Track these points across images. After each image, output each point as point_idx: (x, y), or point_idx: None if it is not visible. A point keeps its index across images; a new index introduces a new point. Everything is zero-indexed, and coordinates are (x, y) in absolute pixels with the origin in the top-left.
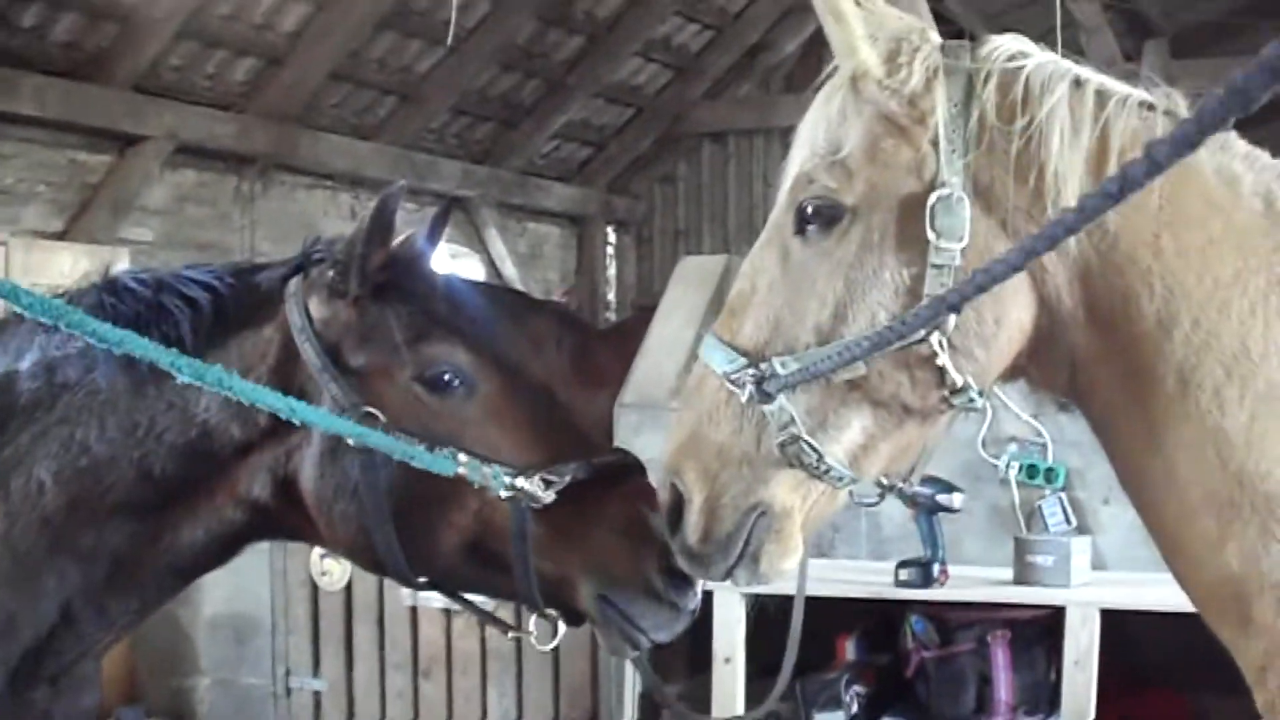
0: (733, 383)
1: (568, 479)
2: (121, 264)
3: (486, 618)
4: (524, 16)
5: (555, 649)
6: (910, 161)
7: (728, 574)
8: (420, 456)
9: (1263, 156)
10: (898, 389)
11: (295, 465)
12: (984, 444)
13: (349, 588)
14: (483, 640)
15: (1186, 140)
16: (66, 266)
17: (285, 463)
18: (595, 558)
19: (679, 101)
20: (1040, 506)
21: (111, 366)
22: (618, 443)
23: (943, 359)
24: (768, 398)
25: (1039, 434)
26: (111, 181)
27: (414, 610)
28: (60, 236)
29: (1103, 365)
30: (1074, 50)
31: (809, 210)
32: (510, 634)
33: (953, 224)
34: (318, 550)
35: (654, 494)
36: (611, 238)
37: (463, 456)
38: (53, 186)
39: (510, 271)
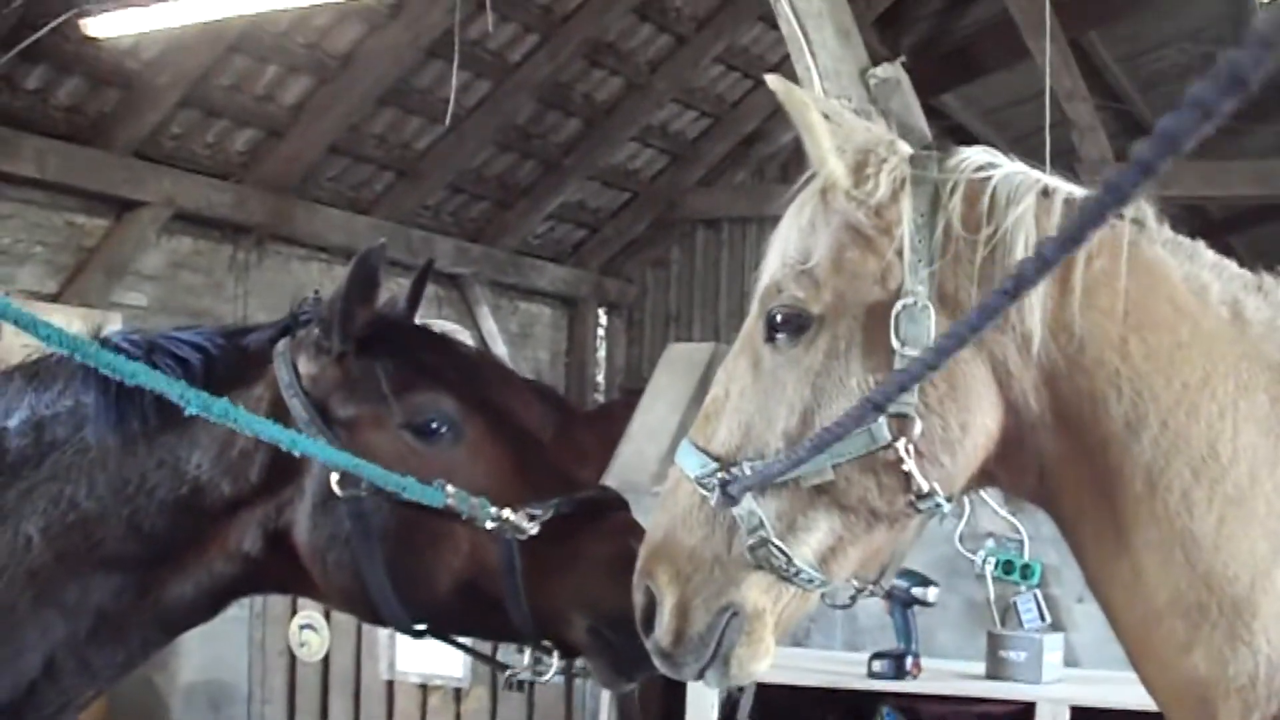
0: (702, 486)
1: (551, 512)
2: (113, 327)
3: (485, 660)
4: (523, 98)
5: (530, 711)
6: (876, 271)
7: (700, 674)
8: (411, 488)
9: (1230, 266)
10: (864, 494)
11: (287, 519)
12: (961, 539)
13: (326, 659)
14: (458, 716)
15: (1070, 237)
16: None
17: (277, 517)
18: (585, 591)
19: (674, 187)
20: (1015, 602)
21: (101, 425)
22: None
23: (909, 465)
24: (732, 500)
25: (1016, 530)
26: (107, 245)
27: (390, 684)
28: (54, 298)
29: (1071, 467)
30: (1066, 149)
31: (777, 319)
32: (507, 674)
33: (917, 332)
34: (297, 620)
35: (635, 528)
36: (603, 320)
37: (450, 488)
38: (49, 248)
39: (501, 349)
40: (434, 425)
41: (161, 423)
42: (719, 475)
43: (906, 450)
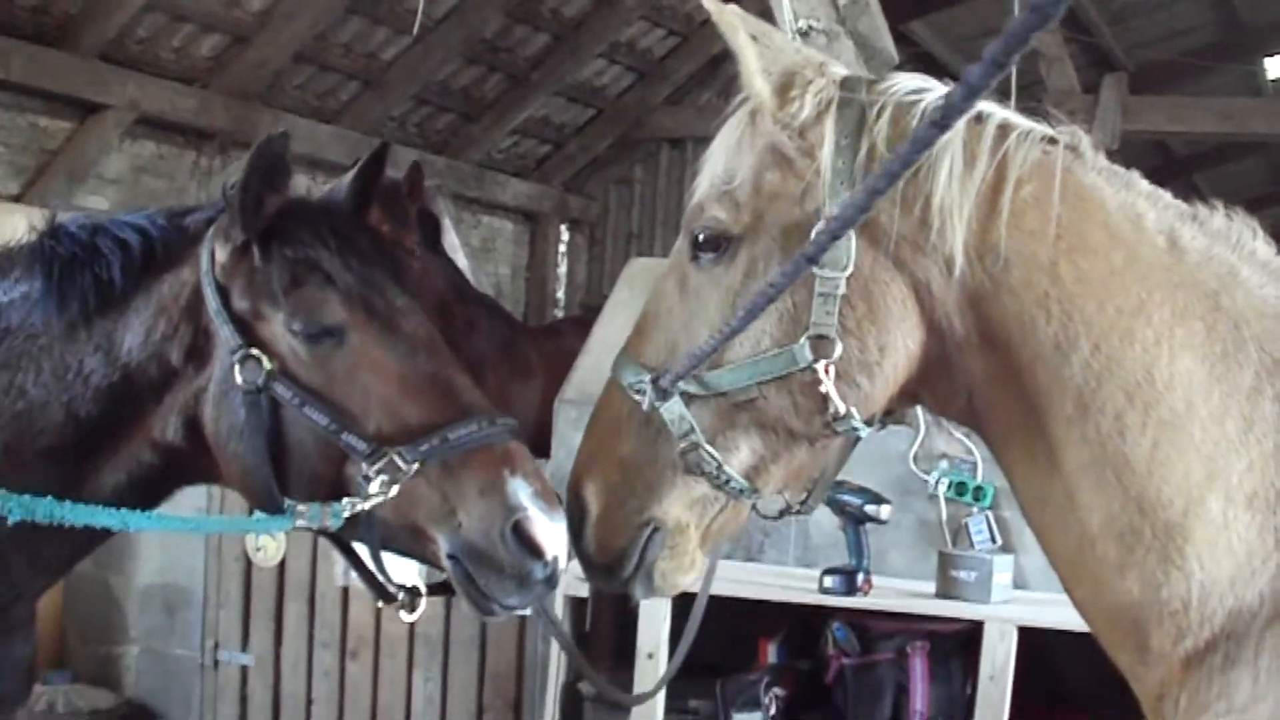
0: (636, 392)
1: (414, 467)
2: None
3: (373, 585)
4: (491, 11)
5: (482, 636)
6: (795, 192)
7: (624, 586)
8: (256, 525)
9: (1165, 196)
10: (782, 413)
11: (201, 407)
12: (915, 459)
13: (282, 565)
14: (411, 625)
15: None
16: (21, 228)
17: (195, 405)
18: (448, 519)
19: (640, 105)
20: (967, 523)
21: (48, 307)
22: (557, 438)
23: (826, 386)
24: (663, 394)
25: (970, 452)
26: (70, 148)
27: (345, 591)
28: (16, 199)
29: (999, 388)
30: (1034, 80)
31: (700, 238)
32: (379, 604)
33: (835, 254)
34: None
35: (514, 459)
36: (565, 236)
37: (301, 507)
38: (11, 149)
39: (462, 263)
40: (317, 327)
41: (99, 305)
42: (649, 379)
43: (825, 371)
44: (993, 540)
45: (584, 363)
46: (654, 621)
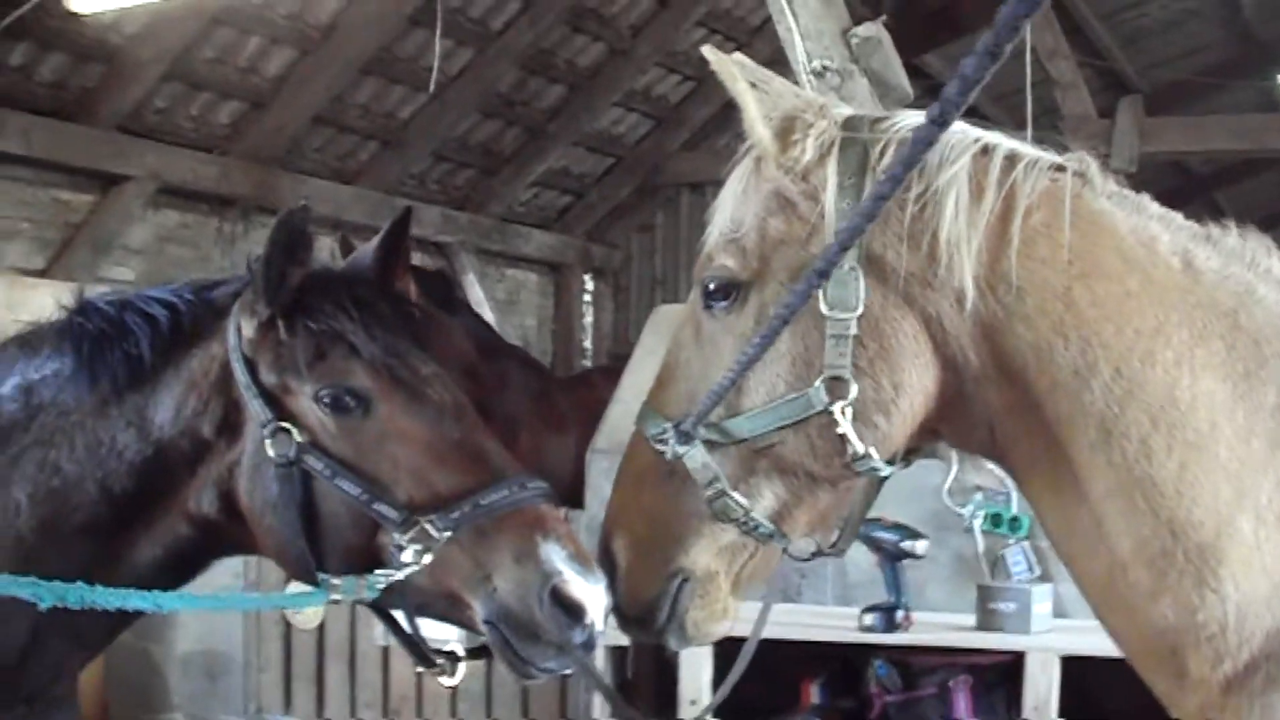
0: (659, 442)
1: (446, 535)
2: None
3: (413, 651)
4: (506, 65)
5: (524, 691)
6: (801, 236)
7: (658, 637)
8: (291, 600)
9: (1177, 218)
10: (801, 457)
11: (235, 480)
12: (949, 493)
13: (322, 627)
14: None
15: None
16: (48, 304)
17: (228, 478)
18: (483, 585)
19: (658, 151)
20: (1004, 555)
21: (80, 384)
22: (590, 489)
23: (843, 427)
24: (686, 438)
25: (1003, 483)
26: (94, 220)
27: (386, 650)
28: (42, 274)
29: (1019, 418)
30: (1049, 107)
31: (710, 287)
32: (418, 669)
33: (844, 295)
34: (290, 589)
35: (547, 521)
36: (589, 285)
37: (336, 580)
38: (35, 224)
39: (489, 317)
40: (342, 398)
41: (130, 381)
42: (672, 428)
43: (841, 413)
44: (1031, 570)
45: (614, 411)
46: (696, 668)
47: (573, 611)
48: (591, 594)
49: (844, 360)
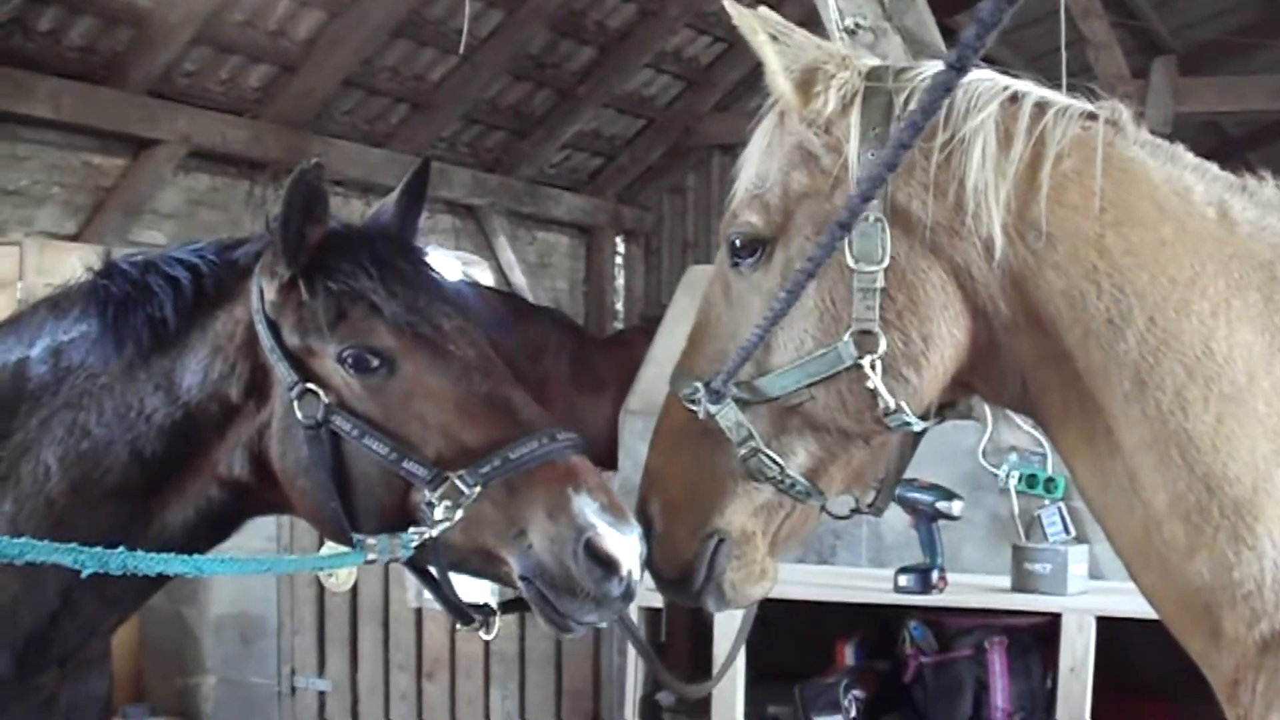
0: (691, 402)
1: (476, 491)
2: None
3: (450, 608)
4: (536, 27)
5: (558, 652)
6: (824, 188)
7: (696, 599)
8: (327, 562)
9: (1212, 168)
10: (832, 413)
11: (266, 443)
12: (984, 453)
13: (355, 589)
14: (486, 643)
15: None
16: (79, 267)
17: (258, 440)
18: (517, 540)
19: (689, 113)
20: (1039, 515)
21: (106, 347)
22: (624, 450)
23: (874, 381)
24: (717, 396)
25: (1039, 444)
26: (124, 184)
27: (419, 612)
28: (73, 238)
29: (1051, 369)
30: (1082, 67)
31: (736, 244)
32: (458, 625)
33: (869, 247)
34: (324, 551)
35: (579, 474)
36: (620, 247)
37: (371, 540)
38: (67, 189)
39: (519, 279)
40: (366, 358)
41: (155, 344)
42: (703, 387)
43: (871, 367)
44: (1066, 531)
45: (648, 373)
46: (730, 630)
47: (608, 565)
48: (626, 546)
49: (871, 313)
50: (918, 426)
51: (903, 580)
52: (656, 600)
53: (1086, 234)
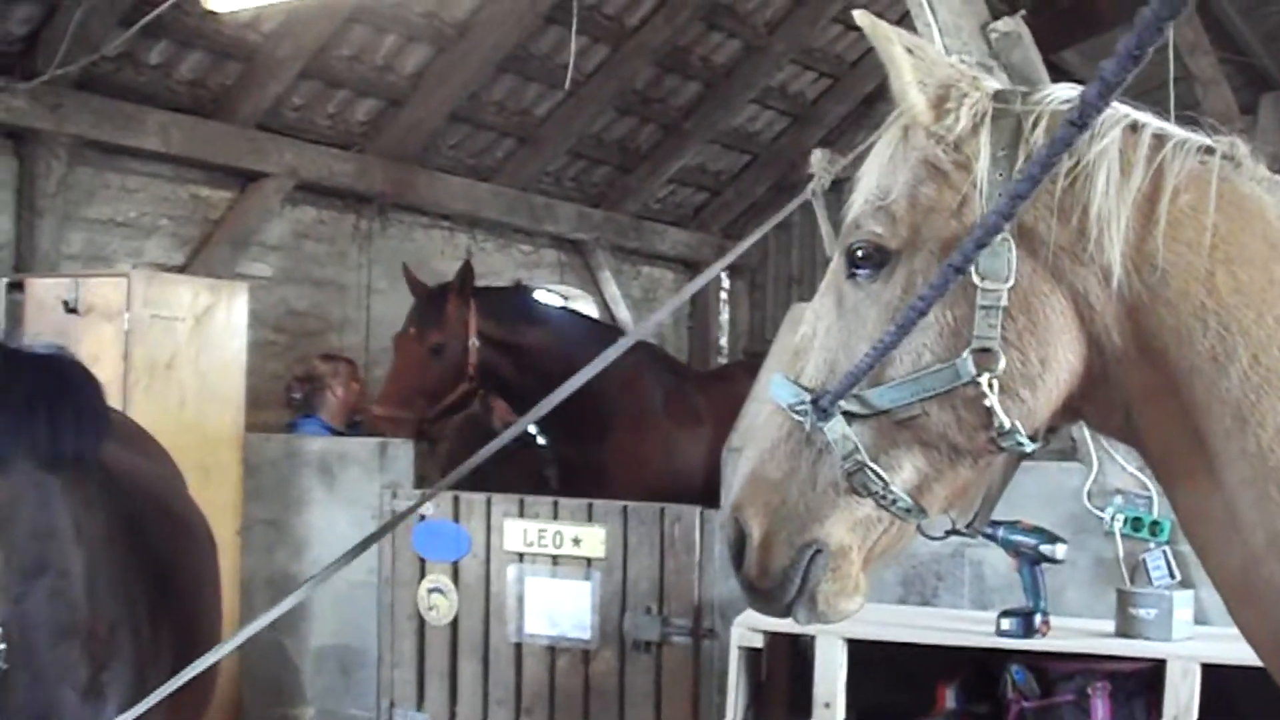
0: (796, 413)
1: None
2: (240, 298)
3: None
4: (641, 62)
5: (657, 688)
6: (953, 205)
7: (787, 610)
8: None
9: None
10: (945, 430)
11: None
12: (1089, 496)
13: (455, 622)
14: (586, 678)
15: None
16: (186, 299)
17: None
18: None
19: (795, 148)
20: (1144, 559)
21: None
22: (725, 486)
23: (990, 400)
24: (824, 414)
25: (1144, 487)
26: (232, 217)
27: (519, 647)
28: (181, 269)
29: (1157, 402)
30: (1189, 104)
31: (857, 254)
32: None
33: (996, 266)
34: (426, 584)
35: None
36: (725, 283)
37: None
38: (175, 220)
39: (624, 314)
40: None
41: None
42: (810, 400)
43: (989, 385)
44: (1171, 576)
45: (751, 409)
46: (830, 670)
47: None
48: None
49: (993, 331)
50: (1029, 448)
51: (1005, 624)
52: (756, 640)
53: (1197, 270)
